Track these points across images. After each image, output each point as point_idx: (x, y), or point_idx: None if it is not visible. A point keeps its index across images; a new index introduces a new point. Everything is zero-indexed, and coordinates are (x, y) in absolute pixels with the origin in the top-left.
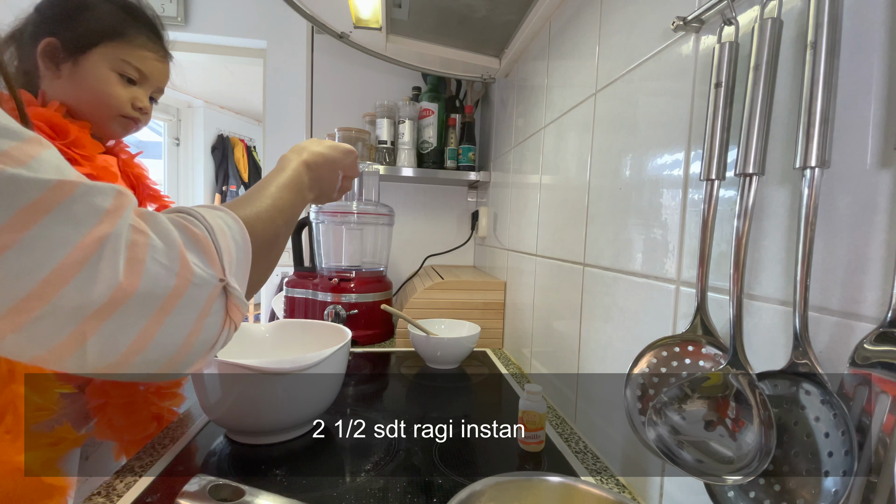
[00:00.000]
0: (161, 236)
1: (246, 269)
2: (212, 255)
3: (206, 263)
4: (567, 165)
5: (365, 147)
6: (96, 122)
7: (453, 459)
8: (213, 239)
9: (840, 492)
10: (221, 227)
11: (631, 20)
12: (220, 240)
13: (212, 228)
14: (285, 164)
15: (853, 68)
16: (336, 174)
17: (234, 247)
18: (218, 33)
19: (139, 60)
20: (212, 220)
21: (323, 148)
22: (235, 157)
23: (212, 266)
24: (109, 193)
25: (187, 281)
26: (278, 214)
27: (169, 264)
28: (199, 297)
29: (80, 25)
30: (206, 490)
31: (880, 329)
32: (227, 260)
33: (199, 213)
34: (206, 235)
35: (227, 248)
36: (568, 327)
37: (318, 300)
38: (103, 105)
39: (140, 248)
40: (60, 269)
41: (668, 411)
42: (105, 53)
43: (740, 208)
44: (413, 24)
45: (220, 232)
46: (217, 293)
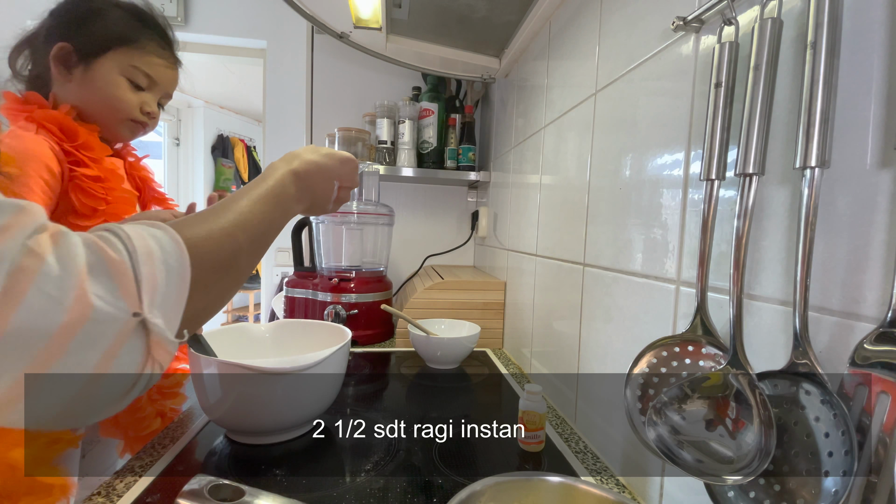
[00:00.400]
0: (61, 261)
1: (180, 298)
2: (126, 285)
3: (114, 295)
4: (567, 165)
5: (365, 147)
6: (105, 126)
7: (453, 459)
8: (132, 264)
9: (840, 492)
10: (149, 250)
11: (631, 20)
12: (142, 266)
13: (134, 251)
14: (269, 174)
15: (853, 68)
16: (331, 184)
17: (164, 273)
18: (218, 33)
19: (149, 66)
20: (139, 241)
21: (317, 156)
22: (235, 157)
23: (124, 297)
24: (7, 210)
25: (83, 316)
26: (240, 231)
27: (59, 296)
28: (100, 335)
29: (93, 31)
30: (206, 490)
31: (880, 329)
32: (149, 290)
33: (124, 233)
34: (123, 260)
35: (149, 276)
36: (568, 327)
37: (318, 300)
38: (113, 109)
39: (25, 275)
40: None
41: (668, 411)
42: (116, 59)
43: (740, 208)
44: (413, 24)
45: (146, 256)
46: (130, 329)
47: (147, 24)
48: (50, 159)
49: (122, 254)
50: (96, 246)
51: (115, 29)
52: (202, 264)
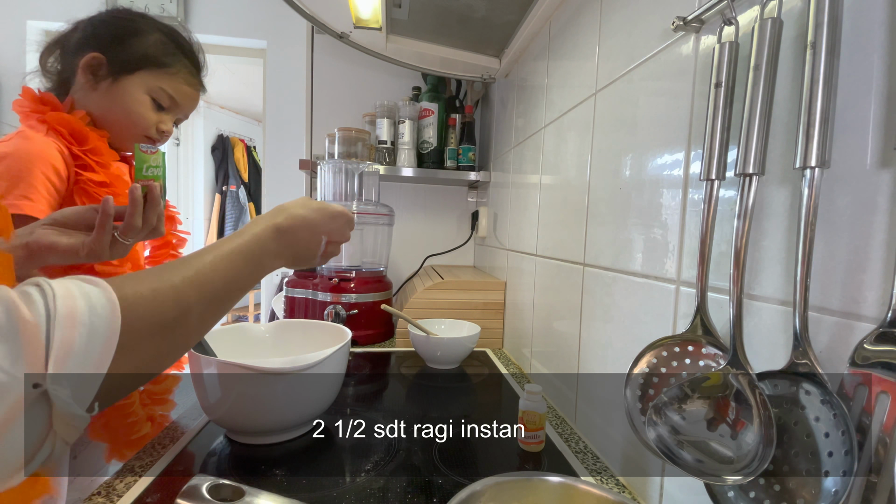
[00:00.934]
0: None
1: (100, 365)
2: (33, 352)
3: (15, 362)
4: (567, 165)
5: (365, 147)
6: (117, 137)
7: (453, 459)
8: (47, 328)
9: (840, 492)
10: (73, 311)
11: (631, 20)
12: (58, 330)
13: (54, 313)
14: (248, 228)
15: (853, 68)
16: (318, 239)
17: (85, 338)
18: (218, 33)
19: (175, 91)
20: (64, 300)
21: (306, 210)
22: (235, 157)
23: (27, 366)
24: None
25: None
26: (193, 289)
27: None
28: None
29: (130, 49)
30: (206, 490)
31: (880, 329)
32: (60, 357)
33: (50, 291)
34: (37, 323)
35: (64, 342)
36: (568, 327)
37: (318, 300)
38: (131, 124)
39: None
40: None
41: (668, 411)
42: (145, 78)
43: (740, 208)
44: (413, 24)
45: (67, 318)
46: (29, 400)
47: (183, 50)
48: (57, 161)
49: (39, 315)
50: (13, 305)
51: (152, 51)
52: (135, 326)
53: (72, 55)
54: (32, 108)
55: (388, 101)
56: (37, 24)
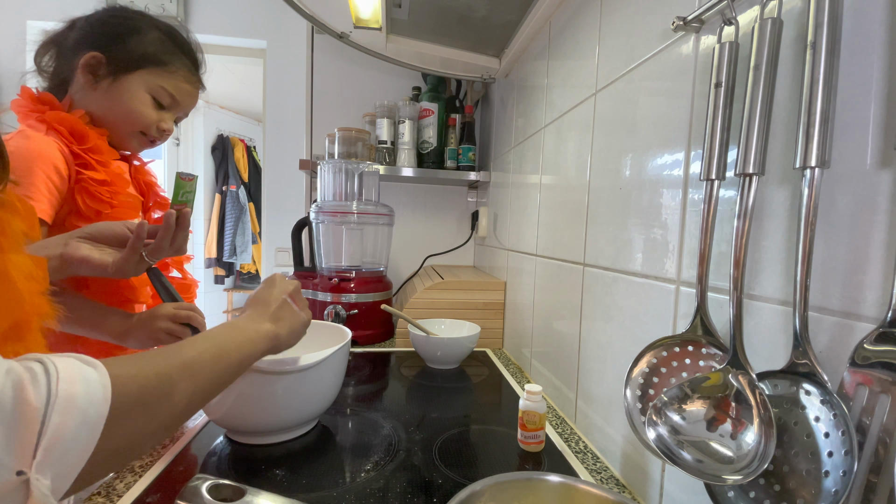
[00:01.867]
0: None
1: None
2: (26, 438)
3: (9, 447)
4: (567, 165)
5: (365, 147)
6: (117, 135)
7: (453, 459)
8: (44, 415)
9: (840, 492)
10: (72, 397)
11: (631, 20)
12: (55, 416)
13: (55, 399)
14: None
15: (853, 68)
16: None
17: (77, 425)
18: (218, 33)
19: (175, 89)
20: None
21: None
22: (235, 157)
23: (16, 452)
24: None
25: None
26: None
27: None
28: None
29: (129, 48)
30: (206, 490)
31: (880, 329)
32: (49, 445)
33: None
34: (38, 408)
35: (57, 428)
36: (568, 327)
37: (318, 300)
38: (131, 122)
39: None
40: None
41: (669, 411)
42: (145, 77)
43: (740, 208)
44: (413, 24)
45: (65, 404)
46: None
47: (182, 48)
48: (58, 160)
49: (41, 399)
50: (20, 386)
51: (151, 49)
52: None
53: (70, 54)
54: (31, 107)
55: (388, 101)
56: (37, 24)
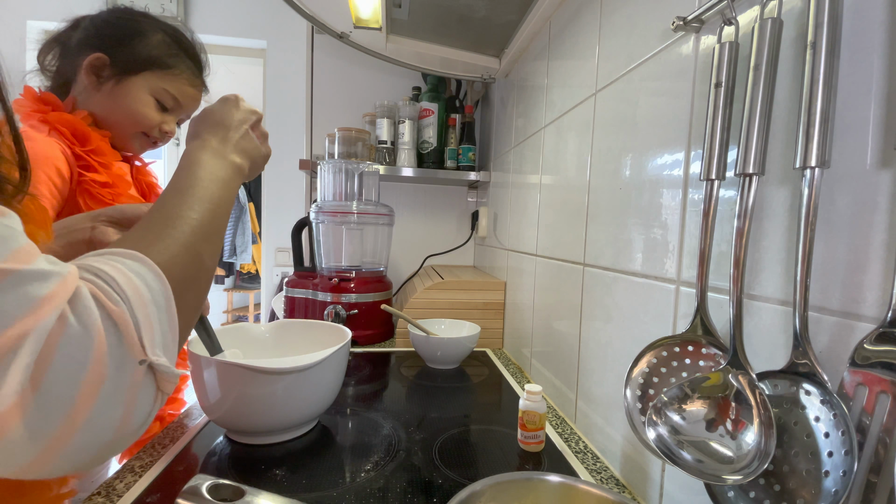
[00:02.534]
0: (80, 322)
1: (172, 330)
2: (130, 335)
3: (122, 349)
4: (567, 165)
5: (365, 147)
6: (120, 137)
7: (453, 459)
8: (131, 314)
9: (840, 492)
10: (139, 292)
11: (631, 20)
12: (138, 311)
13: (128, 300)
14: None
15: (853, 68)
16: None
17: (155, 313)
18: (218, 33)
19: (179, 92)
20: (127, 285)
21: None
22: None
23: (130, 349)
24: (51, 280)
25: (101, 376)
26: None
27: (81, 358)
28: (118, 391)
29: (134, 50)
30: (206, 490)
31: (880, 329)
32: (148, 334)
33: (112, 279)
34: (123, 311)
35: (146, 320)
36: (568, 327)
37: (318, 300)
38: (134, 124)
39: (53, 340)
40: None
41: (668, 411)
42: (149, 79)
43: (740, 208)
44: (413, 24)
45: (138, 300)
46: (140, 376)
47: (186, 52)
48: (60, 162)
49: (120, 303)
50: (98, 299)
51: (155, 52)
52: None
53: (73, 54)
54: (34, 107)
55: (388, 101)
56: (37, 24)
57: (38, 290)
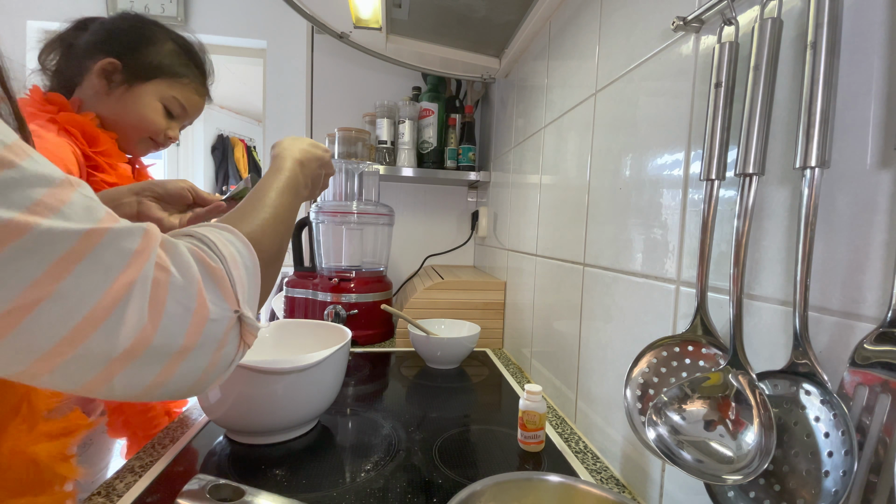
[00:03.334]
0: (182, 273)
1: (257, 291)
2: (227, 289)
3: (221, 298)
4: (567, 165)
5: (365, 147)
6: (126, 140)
7: (453, 459)
8: (227, 271)
9: (840, 492)
10: (233, 256)
11: (631, 20)
12: (233, 270)
13: (225, 259)
14: (281, 164)
15: (853, 68)
16: (321, 172)
17: (246, 274)
18: (218, 33)
19: (186, 100)
20: (224, 248)
21: (308, 146)
22: (235, 157)
23: (227, 300)
24: (137, 234)
25: (203, 318)
26: (281, 224)
27: (188, 303)
28: (216, 333)
29: (146, 57)
30: (206, 490)
31: (880, 329)
32: (241, 290)
33: (212, 242)
34: (221, 268)
35: (239, 279)
36: (568, 327)
37: (318, 300)
38: (141, 129)
39: (161, 287)
40: (91, 316)
41: (668, 411)
42: (159, 86)
43: (740, 208)
44: (413, 24)
45: (233, 261)
46: (232, 325)
47: (195, 61)
48: (71, 162)
49: (217, 261)
50: (199, 256)
51: (167, 61)
52: (263, 257)
53: (80, 56)
54: (41, 107)
55: (388, 101)
56: (37, 24)
57: (130, 244)
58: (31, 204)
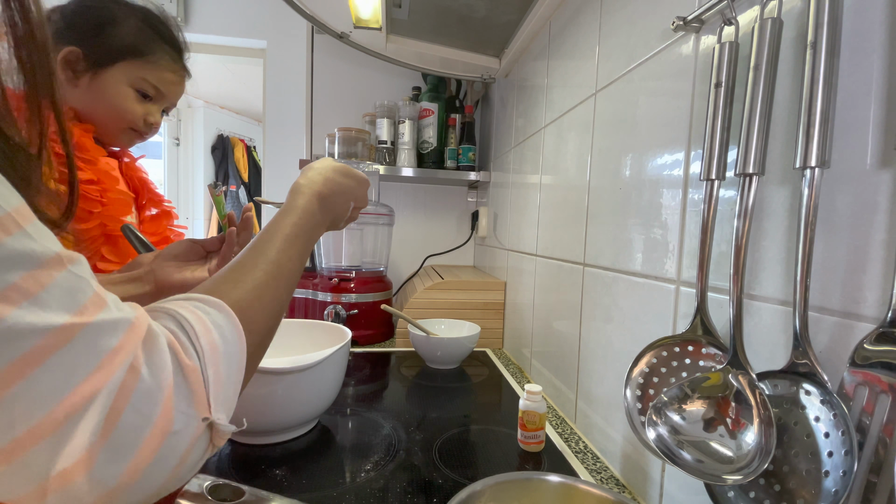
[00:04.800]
0: (154, 375)
1: (237, 384)
2: (199, 392)
3: (190, 405)
4: (567, 165)
5: (365, 147)
6: (105, 132)
7: (453, 459)
8: (202, 369)
9: (840, 492)
10: (214, 345)
11: (631, 20)
12: (209, 367)
13: (202, 353)
14: (295, 202)
15: (853, 68)
16: (348, 205)
17: (226, 366)
18: (218, 33)
19: (158, 80)
20: (204, 336)
21: (339, 175)
22: (235, 157)
23: (196, 406)
24: (120, 329)
25: (165, 431)
26: (282, 281)
27: (149, 413)
28: (177, 447)
29: (107, 40)
30: (206, 490)
31: (880, 329)
32: (215, 391)
33: (191, 328)
34: (196, 367)
35: (216, 376)
36: (568, 327)
37: (318, 300)
38: (117, 118)
39: (124, 394)
40: (36, 429)
41: (668, 411)
42: (126, 69)
43: (740, 208)
44: (413, 24)
45: (212, 353)
46: (199, 434)
47: (162, 35)
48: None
49: (194, 358)
50: (175, 351)
51: (130, 40)
52: (251, 338)
53: None
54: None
55: (388, 101)
56: None
57: (109, 342)
58: (2, 289)
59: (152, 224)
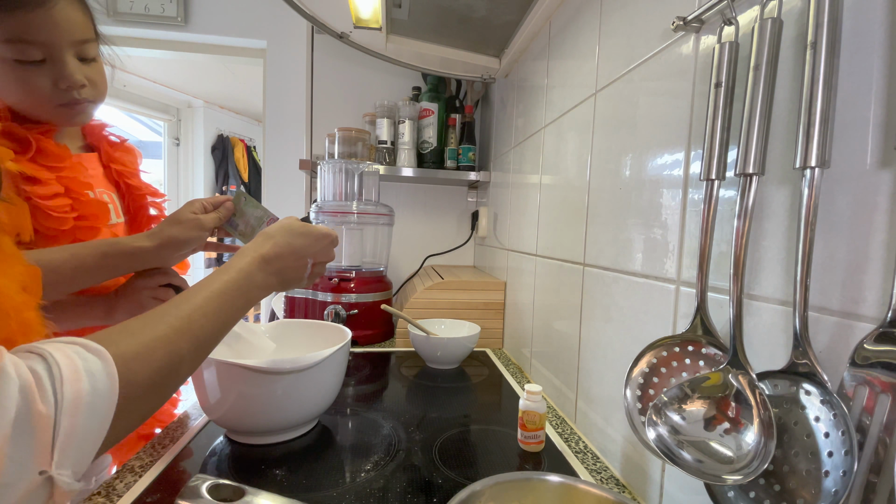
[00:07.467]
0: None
1: (97, 441)
2: (42, 442)
3: (29, 455)
4: (567, 165)
5: (365, 147)
6: (39, 117)
7: (453, 459)
8: (56, 418)
9: (840, 492)
10: (78, 395)
11: (631, 20)
12: (65, 417)
13: (62, 400)
14: (233, 263)
15: (853, 68)
16: (304, 262)
17: (86, 419)
18: (218, 33)
19: (27, 31)
20: (71, 385)
21: (291, 236)
22: (235, 157)
23: (35, 457)
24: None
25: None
26: (184, 338)
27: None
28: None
29: None
30: (206, 490)
31: (880, 329)
32: (63, 444)
33: (59, 374)
34: (49, 415)
35: (69, 428)
36: (568, 327)
37: (318, 300)
38: (30, 104)
39: None
40: None
41: (668, 411)
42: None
43: (740, 208)
44: (413, 24)
45: (73, 404)
46: (34, 486)
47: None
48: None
49: (50, 405)
50: (31, 397)
51: None
52: (130, 390)
53: None
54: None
55: (388, 101)
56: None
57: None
58: None
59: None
